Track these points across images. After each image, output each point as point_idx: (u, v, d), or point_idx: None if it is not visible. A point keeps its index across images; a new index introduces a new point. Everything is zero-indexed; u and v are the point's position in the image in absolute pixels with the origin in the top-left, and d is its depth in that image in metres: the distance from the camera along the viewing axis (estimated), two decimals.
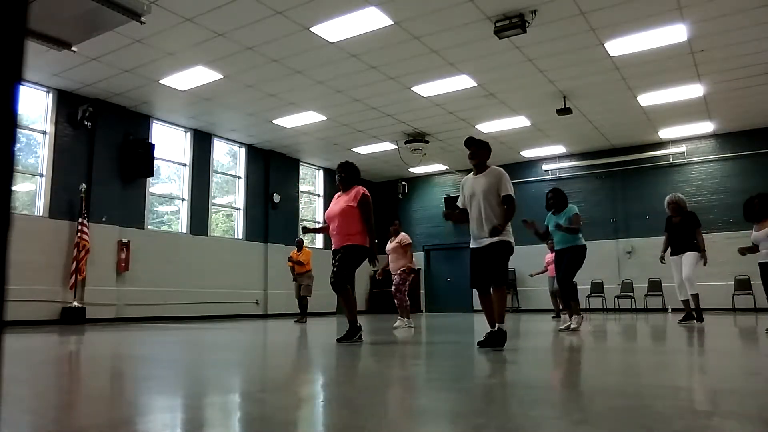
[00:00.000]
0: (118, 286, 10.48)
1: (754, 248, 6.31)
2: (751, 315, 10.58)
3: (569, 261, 6.43)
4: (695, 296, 7.32)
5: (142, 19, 5.96)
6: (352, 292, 5.23)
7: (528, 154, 14.49)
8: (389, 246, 8.29)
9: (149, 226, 11.46)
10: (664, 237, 7.72)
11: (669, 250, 7.58)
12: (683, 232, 7.42)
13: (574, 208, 6.62)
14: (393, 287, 8.11)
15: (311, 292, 10.50)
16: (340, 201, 5.21)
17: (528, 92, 10.32)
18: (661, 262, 7.74)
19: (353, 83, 9.79)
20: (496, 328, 4.31)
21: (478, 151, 4.66)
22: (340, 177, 5.36)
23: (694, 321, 7.35)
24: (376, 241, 5.56)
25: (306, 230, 5.84)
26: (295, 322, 10.00)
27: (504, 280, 4.46)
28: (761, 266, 6.30)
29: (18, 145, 1.90)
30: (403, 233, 8.31)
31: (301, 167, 15.11)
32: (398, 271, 8.09)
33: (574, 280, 6.57)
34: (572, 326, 6.34)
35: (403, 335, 6.41)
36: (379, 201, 17.19)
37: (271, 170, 14.04)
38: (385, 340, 5.79)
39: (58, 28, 5.82)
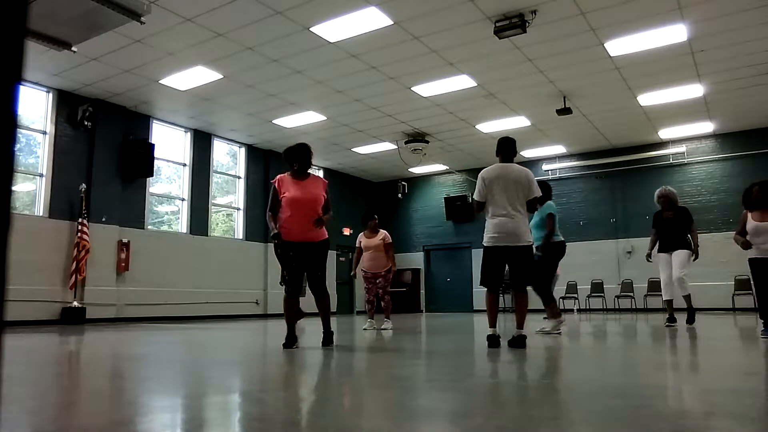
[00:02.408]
0: (118, 286, 10.47)
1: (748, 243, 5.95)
2: (751, 315, 10.57)
3: (542, 260, 5.88)
4: (687, 297, 6.92)
5: (142, 19, 5.97)
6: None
7: (528, 154, 14.49)
8: (369, 242, 7.60)
9: (149, 226, 11.45)
10: (652, 233, 7.19)
11: (657, 247, 7.10)
12: (675, 228, 6.96)
13: (550, 207, 6.13)
14: (380, 290, 7.63)
15: (305, 292, 10.47)
16: (308, 188, 4.63)
17: (528, 92, 10.32)
18: (648, 261, 7.32)
19: (353, 83, 9.79)
20: (522, 334, 4.47)
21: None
22: (301, 163, 4.69)
23: (676, 324, 7.07)
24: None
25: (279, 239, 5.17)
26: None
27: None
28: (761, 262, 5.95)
29: (18, 145, 1.90)
30: (383, 230, 7.72)
31: None
32: (382, 272, 7.61)
33: (553, 279, 6.29)
34: (546, 329, 5.84)
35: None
36: (379, 201, 17.21)
37: (271, 170, 14.02)
38: (384, 340, 5.79)
39: (58, 28, 5.82)
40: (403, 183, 16.63)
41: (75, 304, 9.60)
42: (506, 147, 4.78)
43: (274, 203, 4.65)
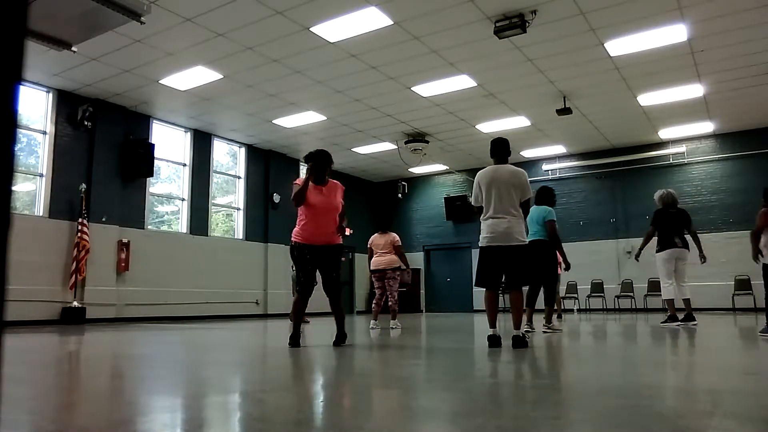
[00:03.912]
0: (118, 286, 10.47)
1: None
2: (751, 315, 10.58)
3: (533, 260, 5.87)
4: (666, 301, 7.30)
5: (142, 19, 5.96)
6: None
7: (528, 154, 14.49)
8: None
9: (149, 226, 11.45)
10: None
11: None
12: None
13: (550, 213, 6.36)
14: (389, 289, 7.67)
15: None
16: (329, 196, 4.86)
17: (528, 92, 10.32)
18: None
19: (353, 83, 9.78)
20: (520, 334, 4.45)
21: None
22: (319, 168, 4.82)
23: (689, 322, 7.17)
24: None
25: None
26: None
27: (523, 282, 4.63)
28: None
29: (18, 145, 1.90)
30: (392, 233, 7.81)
31: (301, 167, 15.10)
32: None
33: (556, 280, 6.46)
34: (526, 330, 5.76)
35: (397, 335, 6.41)
36: (379, 201, 17.21)
37: (271, 170, 14.04)
38: (384, 340, 5.79)
39: (58, 28, 5.81)
40: (403, 183, 16.63)
41: (75, 304, 9.59)
42: (499, 148, 4.78)
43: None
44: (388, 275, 7.59)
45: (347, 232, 5.23)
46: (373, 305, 7.90)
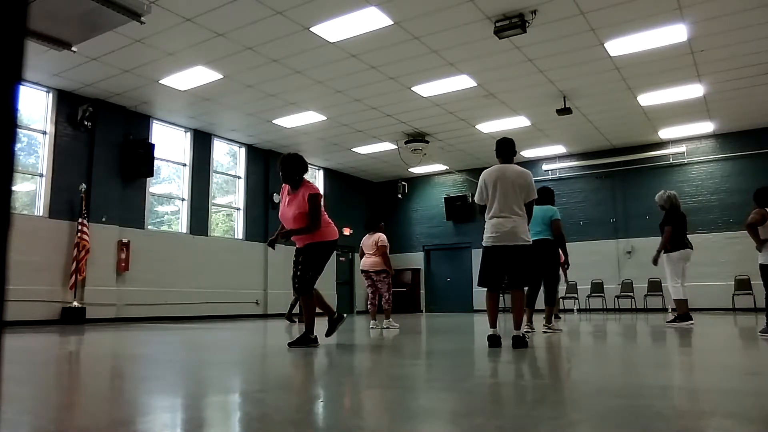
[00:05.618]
0: (118, 286, 10.47)
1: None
2: (751, 315, 10.58)
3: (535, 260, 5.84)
4: (676, 301, 7.32)
5: (142, 19, 5.96)
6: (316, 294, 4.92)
7: (528, 154, 14.49)
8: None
9: (149, 226, 11.45)
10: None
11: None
12: (662, 231, 7.47)
13: (555, 212, 6.35)
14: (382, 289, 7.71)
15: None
16: (291, 205, 4.75)
17: (528, 92, 10.32)
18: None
19: (353, 83, 9.78)
20: (520, 334, 4.44)
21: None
22: (282, 175, 4.79)
23: (688, 321, 7.24)
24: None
25: (273, 244, 5.05)
26: (299, 321, 10.03)
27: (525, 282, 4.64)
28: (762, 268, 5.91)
29: (18, 145, 1.90)
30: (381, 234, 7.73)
31: None
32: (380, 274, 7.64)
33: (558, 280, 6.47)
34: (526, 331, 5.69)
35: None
36: (379, 201, 17.21)
37: (271, 170, 14.03)
38: (384, 340, 5.79)
39: (58, 28, 5.82)
40: (403, 183, 16.63)
41: (75, 304, 9.59)
42: (505, 148, 4.79)
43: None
44: (373, 277, 7.66)
45: (347, 231, 5.24)
46: (368, 306, 8.01)
